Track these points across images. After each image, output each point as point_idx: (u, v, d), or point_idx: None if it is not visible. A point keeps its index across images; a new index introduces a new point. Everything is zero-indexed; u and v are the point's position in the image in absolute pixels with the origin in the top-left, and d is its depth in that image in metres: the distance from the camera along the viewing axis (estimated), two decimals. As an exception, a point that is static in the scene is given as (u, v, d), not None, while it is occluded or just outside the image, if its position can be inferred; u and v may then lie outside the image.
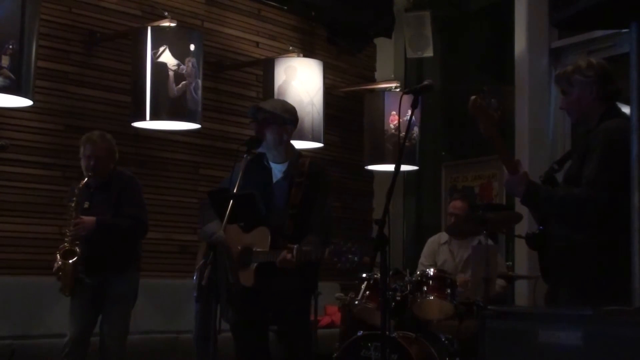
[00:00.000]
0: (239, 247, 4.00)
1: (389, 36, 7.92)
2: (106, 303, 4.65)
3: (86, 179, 4.63)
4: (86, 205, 4.65)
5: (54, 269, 4.56)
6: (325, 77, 6.77)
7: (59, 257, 4.53)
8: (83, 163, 4.69)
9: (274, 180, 4.10)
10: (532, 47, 6.49)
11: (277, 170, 4.11)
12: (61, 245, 4.57)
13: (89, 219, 4.56)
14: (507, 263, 6.14)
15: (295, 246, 3.82)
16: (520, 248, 6.34)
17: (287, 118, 4.12)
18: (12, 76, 4.64)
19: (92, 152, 4.66)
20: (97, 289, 4.63)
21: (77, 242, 4.55)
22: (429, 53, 7.58)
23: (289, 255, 3.82)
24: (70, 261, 4.51)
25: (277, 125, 4.08)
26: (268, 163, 4.11)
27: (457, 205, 5.97)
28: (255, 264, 3.93)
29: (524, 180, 3.26)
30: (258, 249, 3.94)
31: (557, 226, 3.35)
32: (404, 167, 6.96)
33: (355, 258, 3.66)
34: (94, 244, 4.57)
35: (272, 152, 4.08)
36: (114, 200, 4.68)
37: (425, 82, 3.45)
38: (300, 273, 3.96)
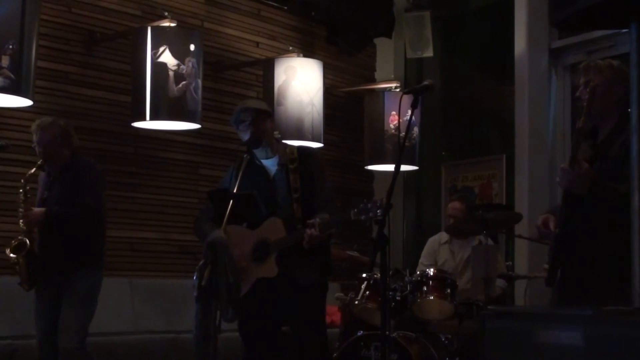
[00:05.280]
0: (252, 244, 3.99)
1: (389, 36, 7.92)
2: (63, 302, 4.51)
3: (34, 168, 4.52)
4: (45, 195, 4.56)
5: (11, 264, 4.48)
6: (325, 77, 6.77)
7: (8, 251, 4.45)
8: (37, 152, 4.58)
9: (271, 175, 4.11)
10: (532, 47, 6.49)
11: (270, 164, 4.13)
12: (12, 241, 4.49)
13: (38, 210, 4.46)
14: (507, 263, 6.15)
15: (316, 219, 3.83)
16: (520, 248, 6.34)
17: (270, 111, 4.24)
18: (12, 76, 4.64)
19: (40, 139, 4.54)
20: (58, 287, 4.53)
21: (29, 235, 4.45)
22: (429, 53, 7.58)
23: (312, 231, 3.81)
24: (22, 254, 4.42)
25: (270, 120, 4.14)
26: (260, 161, 4.12)
27: (455, 206, 5.96)
28: (275, 254, 3.93)
29: (590, 175, 3.18)
30: (275, 238, 3.94)
31: (591, 226, 3.28)
32: (404, 167, 6.96)
33: (378, 212, 3.66)
34: (49, 238, 4.48)
35: (263, 149, 4.09)
36: (69, 189, 4.53)
37: (425, 82, 3.45)
38: (320, 260, 3.98)
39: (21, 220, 4.47)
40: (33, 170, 4.52)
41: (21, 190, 4.49)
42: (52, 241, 4.50)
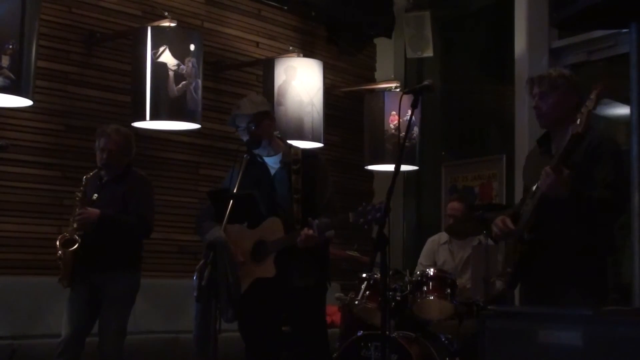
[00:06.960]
0: (251, 244, 3.99)
1: (389, 36, 7.92)
2: (103, 303, 4.62)
3: (95, 170, 4.66)
4: (94, 197, 4.63)
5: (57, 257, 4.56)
6: (325, 77, 6.77)
7: (58, 244, 4.53)
8: (97, 156, 4.71)
9: (272, 173, 4.10)
10: (532, 47, 6.48)
11: (272, 162, 4.11)
12: (62, 234, 4.57)
13: (93, 210, 4.54)
14: (507, 263, 6.14)
15: (315, 221, 3.81)
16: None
17: (267, 110, 4.13)
18: (12, 76, 4.64)
19: (105, 145, 4.68)
20: (95, 288, 4.61)
21: (79, 232, 4.54)
22: (429, 53, 7.58)
23: (310, 231, 3.80)
24: (70, 249, 4.50)
25: (267, 121, 4.09)
26: (262, 158, 4.11)
27: (454, 206, 5.96)
28: (274, 254, 3.93)
29: (569, 181, 3.23)
30: (273, 238, 3.94)
31: (566, 230, 3.32)
32: (404, 167, 6.96)
33: (378, 215, 3.61)
34: (94, 238, 4.54)
35: (264, 148, 4.08)
36: (122, 196, 4.67)
37: (425, 82, 3.46)
38: (318, 263, 3.97)
39: (76, 219, 4.54)
40: (92, 174, 4.65)
41: (81, 188, 4.59)
42: (95, 242, 4.56)
